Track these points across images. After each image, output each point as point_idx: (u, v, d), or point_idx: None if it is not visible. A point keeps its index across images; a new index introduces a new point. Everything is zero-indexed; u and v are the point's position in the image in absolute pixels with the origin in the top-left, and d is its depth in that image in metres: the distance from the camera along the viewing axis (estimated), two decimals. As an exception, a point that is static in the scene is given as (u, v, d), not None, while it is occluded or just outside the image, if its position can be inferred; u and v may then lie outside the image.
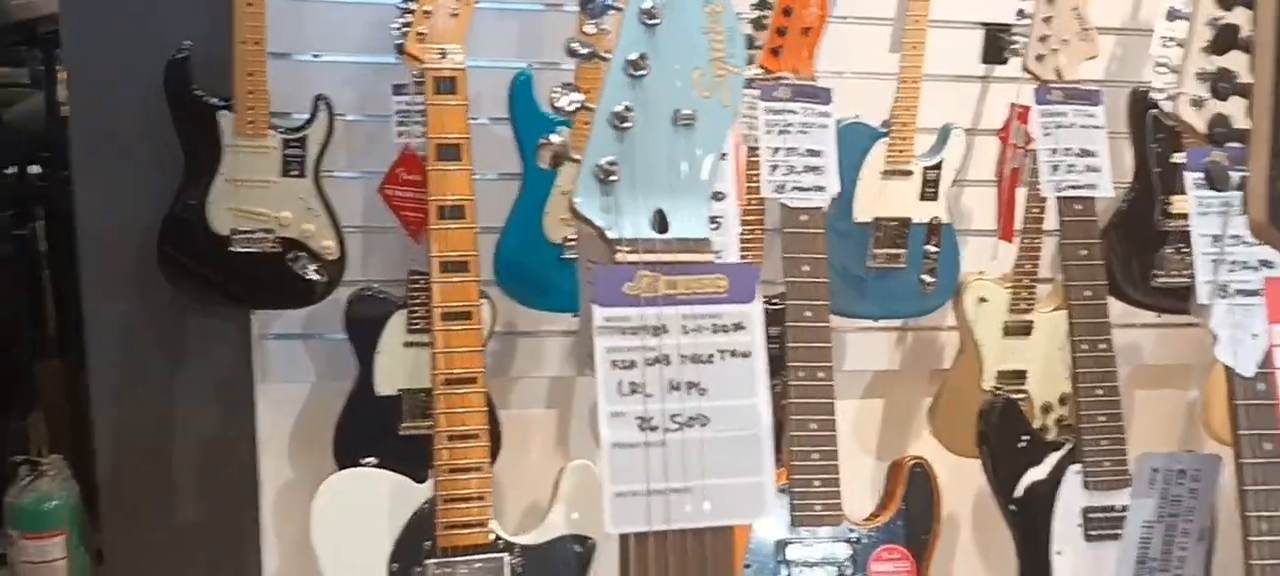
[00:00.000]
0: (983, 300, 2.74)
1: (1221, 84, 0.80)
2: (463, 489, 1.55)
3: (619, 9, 0.72)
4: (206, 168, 2.24)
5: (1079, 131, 1.77)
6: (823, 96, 1.66)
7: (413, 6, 1.69)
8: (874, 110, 2.63)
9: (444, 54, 1.67)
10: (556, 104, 0.73)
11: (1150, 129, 2.69)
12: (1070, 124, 1.78)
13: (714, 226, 1.08)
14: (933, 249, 2.64)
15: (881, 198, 2.64)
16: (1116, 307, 2.84)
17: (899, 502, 1.61)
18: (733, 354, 0.72)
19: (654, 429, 0.70)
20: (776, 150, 1.60)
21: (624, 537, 0.69)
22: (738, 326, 0.73)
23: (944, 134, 2.67)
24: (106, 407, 2.46)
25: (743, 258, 2.47)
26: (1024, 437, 1.70)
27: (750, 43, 1.69)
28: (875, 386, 3.08)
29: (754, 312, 0.72)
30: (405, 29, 1.70)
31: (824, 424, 1.56)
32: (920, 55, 2.52)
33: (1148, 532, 0.87)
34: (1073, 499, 1.55)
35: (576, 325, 2.79)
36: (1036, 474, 1.59)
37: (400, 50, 1.76)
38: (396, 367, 2.44)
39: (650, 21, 0.72)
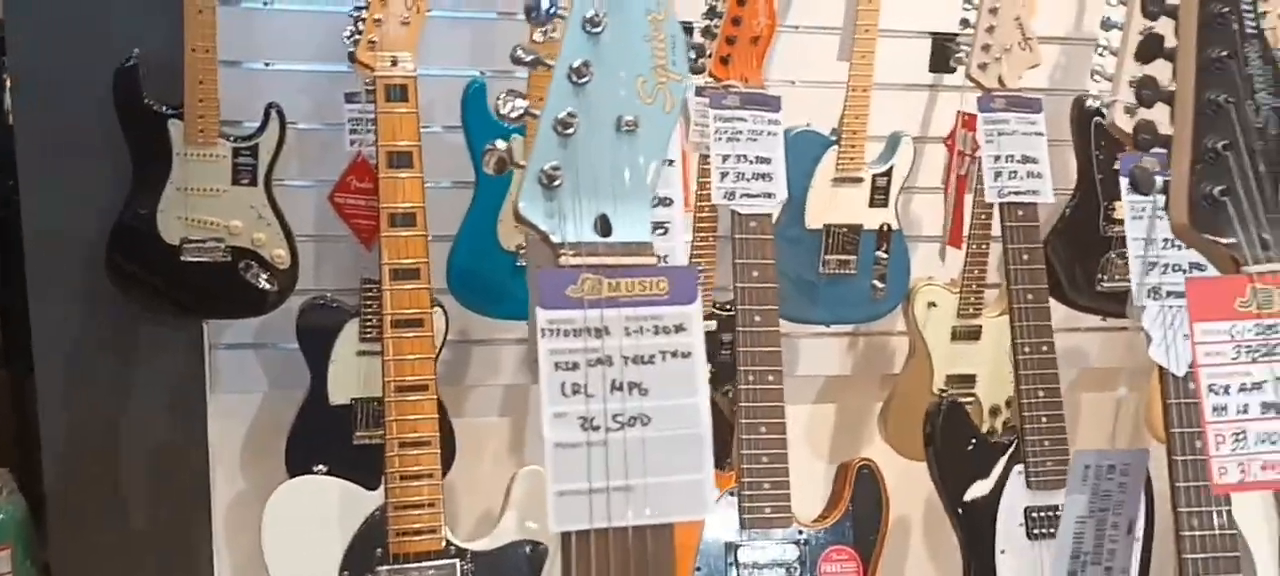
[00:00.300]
0: (932, 305, 2.79)
1: (1145, 91, 0.84)
2: (414, 496, 1.56)
3: (564, 16, 0.73)
4: (156, 176, 2.23)
5: (1021, 138, 1.81)
6: (772, 104, 1.68)
7: (364, 15, 1.70)
8: (825, 118, 2.67)
9: (395, 61, 1.67)
10: (501, 111, 0.74)
11: (1093, 136, 2.75)
12: (1012, 131, 1.83)
13: (661, 232, 1.09)
14: (883, 255, 2.68)
15: (832, 204, 2.68)
16: (1061, 311, 2.91)
17: (847, 504, 1.64)
18: (673, 354, 0.74)
19: (596, 429, 0.72)
20: (726, 158, 1.63)
21: (567, 536, 0.71)
22: (679, 328, 0.74)
23: (893, 141, 2.71)
24: (54, 419, 2.42)
25: (696, 263, 2.49)
26: (970, 440, 1.73)
27: (701, 51, 1.71)
28: (827, 391, 3.11)
29: (694, 314, 0.74)
30: (357, 37, 1.70)
31: (773, 427, 1.58)
32: (869, 64, 2.56)
33: (1081, 528, 0.90)
34: (1016, 499, 1.59)
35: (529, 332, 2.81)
36: (980, 475, 1.62)
37: (352, 58, 1.76)
38: (349, 376, 2.43)
39: (593, 29, 0.73)
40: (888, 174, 2.68)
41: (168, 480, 2.50)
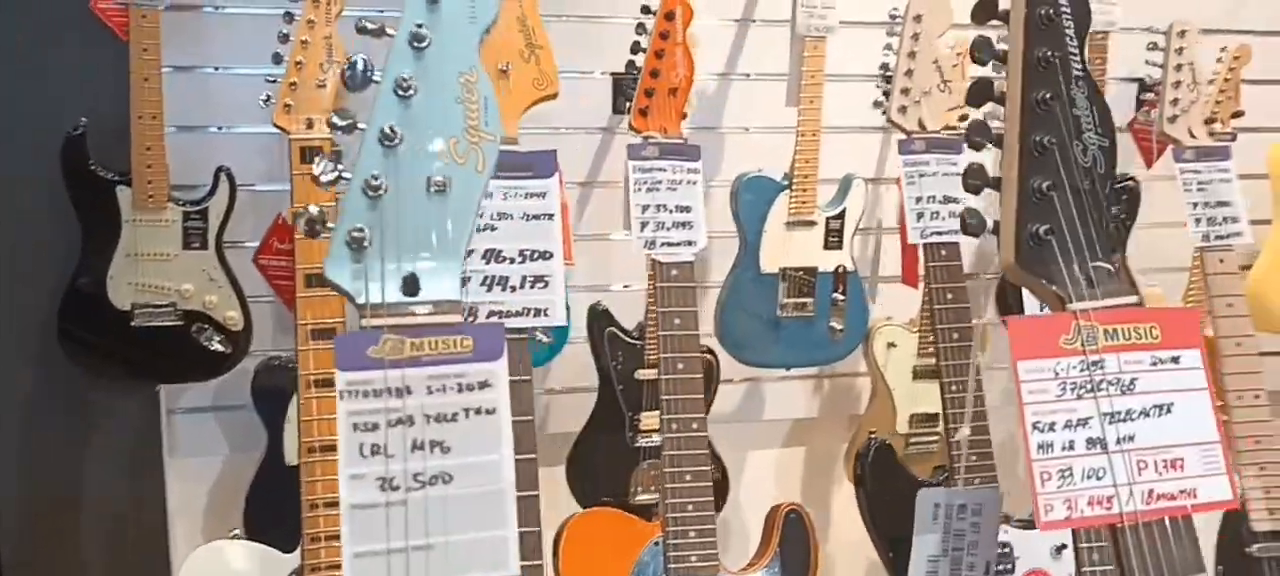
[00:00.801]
0: (892, 345, 2.79)
1: (975, 136, 0.85)
2: (330, 557, 1.55)
3: (379, 82, 0.75)
4: (105, 242, 2.25)
5: (941, 179, 1.83)
6: (690, 154, 1.70)
7: (279, 79, 1.73)
8: (778, 163, 2.69)
9: (310, 124, 1.70)
10: (314, 174, 0.76)
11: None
12: (933, 172, 1.84)
13: (542, 285, 1.11)
14: (840, 297, 2.69)
15: (787, 248, 2.69)
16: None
17: (775, 549, 1.63)
18: (477, 411, 0.75)
19: (396, 488, 0.72)
20: (645, 207, 1.64)
21: None
22: (483, 385, 0.75)
23: (845, 184, 2.72)
24: (9, 485, 2.43)
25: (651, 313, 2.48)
26: (900, 479, 1.73)
27: (618, 106, 1.74)
28: (795, 434, 3.11)
29: (499, 370, 0.75)
30: (272, 101, 1.73)
31: (698, 475, 1.58)
32: (817, 109, 2.59)
33: (933, 567, 0.89)
34: (930, 524, 1.57)
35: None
36: (911, 513, 1.62)
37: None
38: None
39: (404, 93, 0.75)
40: (841, 216, 2.69)
41: (125, 545, 2.50)
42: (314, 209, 0.75)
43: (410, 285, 0.74)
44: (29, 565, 2.48)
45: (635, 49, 1.75)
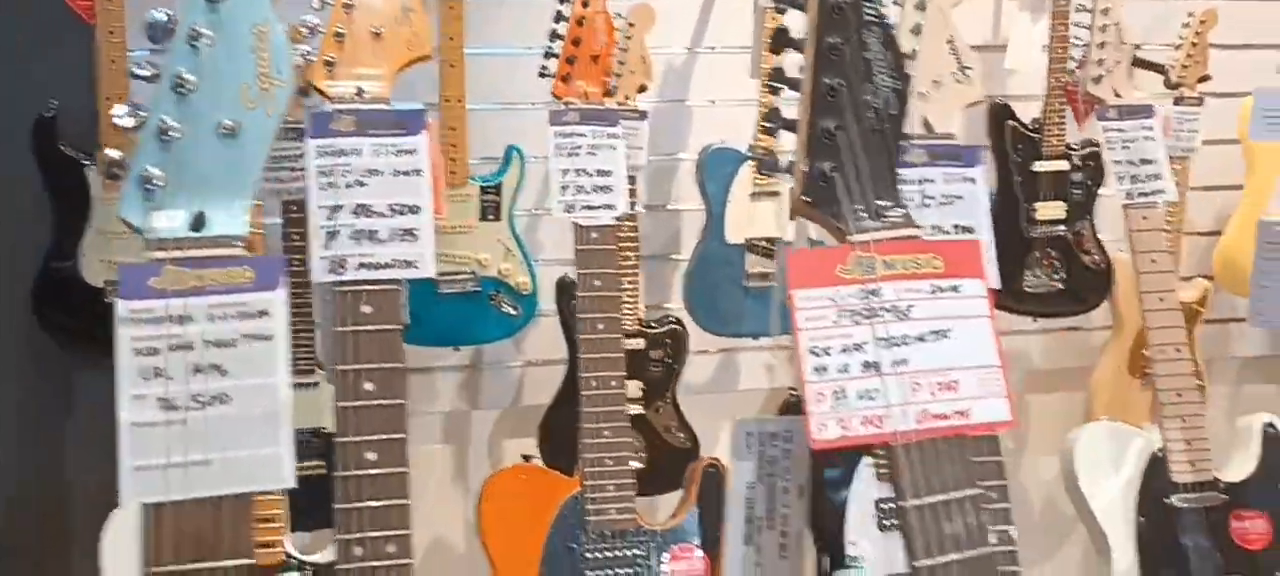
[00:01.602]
0: (858, 314, 2.80)
1: (774, 81, 0.88)
2: (258, 510, 1.62)
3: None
4: (76, 222, 2.33)
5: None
6: (610, 118, 1.74)
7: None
8: (744, 135, 2.72)
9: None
10: (113, 120, 0.81)
11: (1009, 139, 2.77)
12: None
13: (411, 238, 1.16)
14: (802, 266, 2.71)
15: (751, 219, 2.72)
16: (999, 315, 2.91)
17: (693, 502, 1.67)
18: (255, 338, 0.80)
19: (175, 408, 0.78)
20: (566, 171, 1.68)
21: (146, 508, 0.77)
22: (262, 313, 0.80)
23: (807, 154, 2.74)
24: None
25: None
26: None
27: (542, 71, 1.78)
28: (771, 403, 3.13)
29: (278, 299, 0.80)
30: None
31: (617, 430, 1.63)
32: (775, 79, 2.61)
33: (751, 493, 0.93)
34: (866, 492, 1.60)
35: (468, 359, 2.87)
36: (832, 470, 1.65)
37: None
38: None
39: (196, 42, 0.80)
40: (802, 186, 2.71)
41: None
42: (113, 153, 0.81)
43: (197, 221, 0.80)
44: (20, 552, 2.57)
45: (558, 17, 1.79)
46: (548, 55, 1.78)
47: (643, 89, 2.58)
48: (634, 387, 2.61)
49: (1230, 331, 3.13)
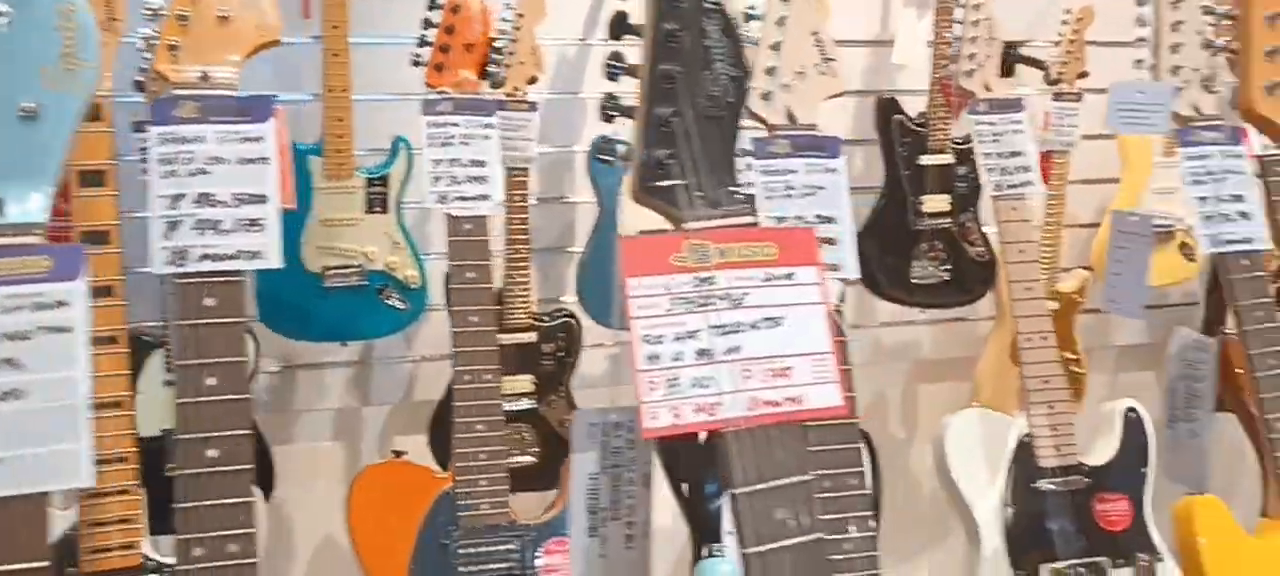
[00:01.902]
0: (750, 306, 2.82)
1: (613, 66, 0.88)
2: (106, 512, 1.56)
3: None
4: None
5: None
6: (486, 109, 1.72)
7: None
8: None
9: (89, 84, 1.69)
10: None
11: (896, 133, 2.81)
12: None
13: (256, 228, 1.12)
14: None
15: (645, 211, 2.71)
16: (889, 306, 2.97)
17: (567, 497, 1.66)
18: (52, 330, 0.77)
19: None
20: (439, 162, 1.65)
21: None
22: (59, 304, 0.77)
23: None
24: None
25: (511, 276, 2.48)
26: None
27: (415, 60, 1.75)
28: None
29: (77, 290, 0.77)
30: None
31: (491, 425, 1.61)
32: (665, 72, 2.61)
33: (594, 483, 0.92)
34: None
35: (358, 355, 2.82)
36: (707, 461, 1.66)
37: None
38: (156, 408, 2.43)
39: (-5, 25, 0.76)
40: (694, 178, 2.72)
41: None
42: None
43: (-6, 208, 0.76)
44: None
45: (432, 5, 1.76)
46: (422, 44, 1.75)
47: (533, 81, 2.56)
48: (526, 382, 2.59)
49: (1109, 321, 3.24)
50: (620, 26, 0.88)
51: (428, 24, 1.74)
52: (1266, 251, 1.39)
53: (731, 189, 0.88)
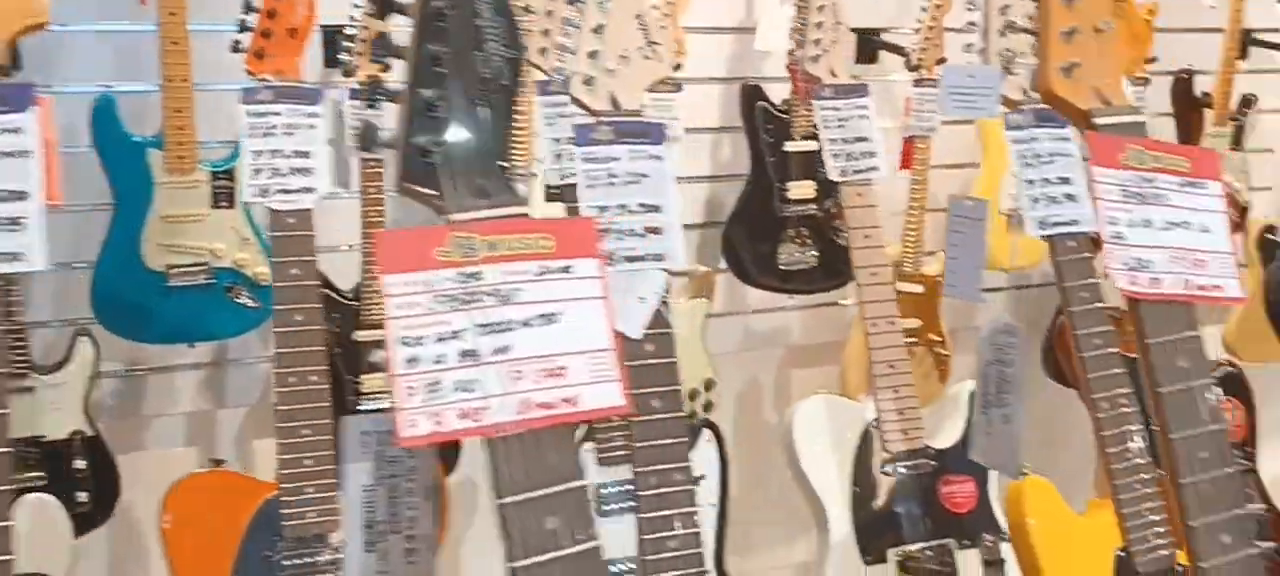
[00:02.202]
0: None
1: (378, 50, 0.82)
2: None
3: None
4: None
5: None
6: (310, 97, 1.63)
7: None
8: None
9: None
10: None
11: (760, 120, 2.80)
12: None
13: (17, 227, 1.03)
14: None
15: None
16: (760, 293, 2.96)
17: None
18: None
19: None
20: (259, 153, 1.57)
21: None
22: None
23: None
24: None
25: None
26: None
27: (235, 46, 1.66)
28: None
29: None
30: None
31: (318, 429, 1.53)
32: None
33: (370, 496, 0.87)
34: (586, 477, 1.57)
35: (211, 356, 2.70)
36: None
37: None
38: None
39: None
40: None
41: None
42: None
43: None
44: None
45: (253, -11, 1.67)
46: (242, 29, 1.66)
47: (386, 68, 2.48)
48: (380, 382, 2.52)
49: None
50: (385, 6, 0.82)
51: (248, 8, 1.65)
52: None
53: (503, 178, 0.83)
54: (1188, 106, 3.07)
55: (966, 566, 1.80)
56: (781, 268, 2.87)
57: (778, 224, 2.84)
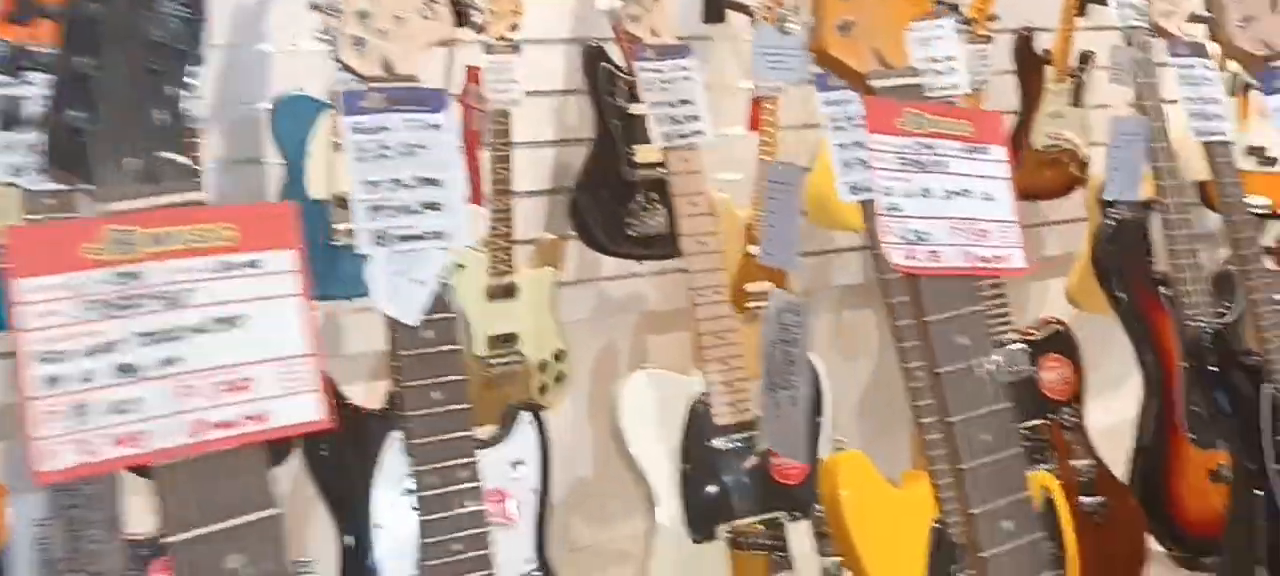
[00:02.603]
0: (459, 267, 2.67)
1: (22, 8, 0.70)
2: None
3: None
4: None
5: None
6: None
7: None
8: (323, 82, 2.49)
9: None
10: None
11: (604, 82, 2.70)
12: None
13: None
14: (392, 220, 2.53)
15: (337, 171, 2.50)
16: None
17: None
18: None
19: None
20: None
21: None
22: None
23: (393, 100, 2.56)
24: None
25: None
26: (344, 409, 1.59)
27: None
28: (384, 367, 2.96)
29: None
30: None
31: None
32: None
33: (43, 531, 0.77)
34: (396, 467, 1.47)
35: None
36: (356, 443, 1.50)
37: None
38: None
39: None
40: (388, 134, 2.52)
41: None
42: None
43: None
44: None
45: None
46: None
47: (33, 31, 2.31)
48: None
49: (830, 262, 3.27)
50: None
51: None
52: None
53: (172, 159, 0.71)
54: (1029, 65, 3.08)
55: (798, 537, 1.76)
56: (631, 234, 2.79)
57: (626, 189, 2.76)
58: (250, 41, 2.59)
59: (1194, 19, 1.57)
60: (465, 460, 1.16)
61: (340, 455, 1.56)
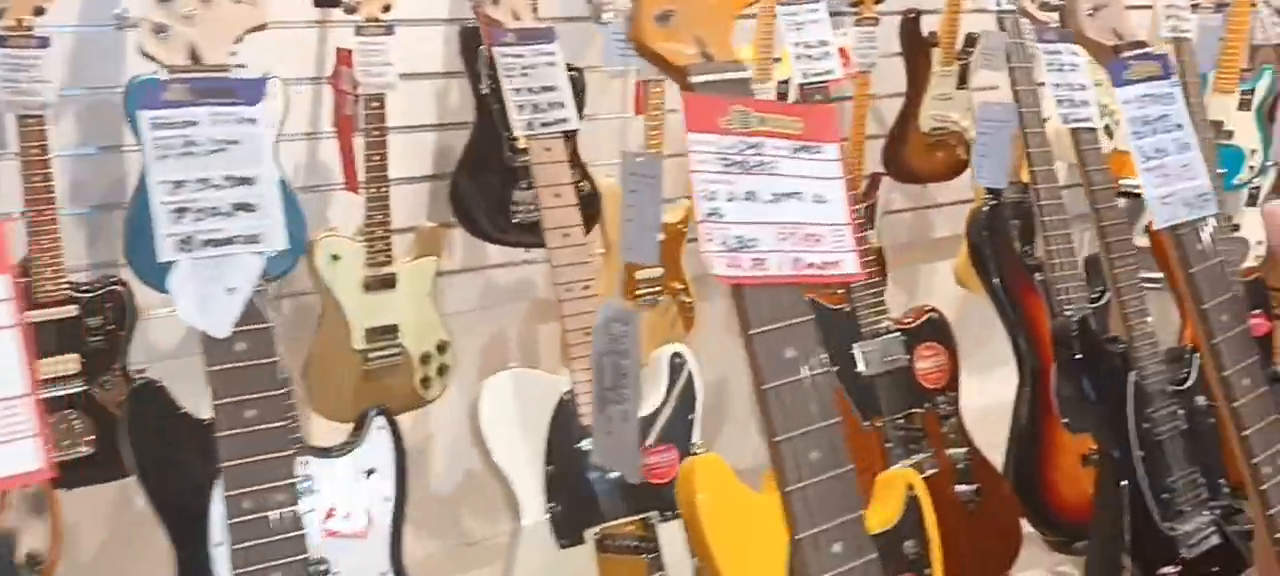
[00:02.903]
0: (335, 258, 2.56)
1: None
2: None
3: None
4: None
5: None
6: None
7: None
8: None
9: None
10: None
11: (483, 65, 2.61)
12: None
13: None
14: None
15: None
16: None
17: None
18: None
19: None
20: None
21: None
22: None
23: (258, 84, 2.44)
24: None
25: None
26: (175, 419, 1.49)
27: None
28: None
29: None
30: None
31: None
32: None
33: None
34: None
35: None
36: (188, 458, 1.40)
37: None
38: None
39: None
40: (253, 120, 2.40)
41: None
42: None
43: None
44: None
45: None
46: None
47: (40, 11, 2.19)
48: (71, 362, 2.28)
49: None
50: None
51: None
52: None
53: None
54: (916, 47, 3.07)
55: (670, 537, 1.71)
56: (515, 221, 2.71)
57: (510, 174, 2.67)
58: (105, 20, 2.45)
59: (1046, 7, 1.55)
60: (282, 483, 1.08)
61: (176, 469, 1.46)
